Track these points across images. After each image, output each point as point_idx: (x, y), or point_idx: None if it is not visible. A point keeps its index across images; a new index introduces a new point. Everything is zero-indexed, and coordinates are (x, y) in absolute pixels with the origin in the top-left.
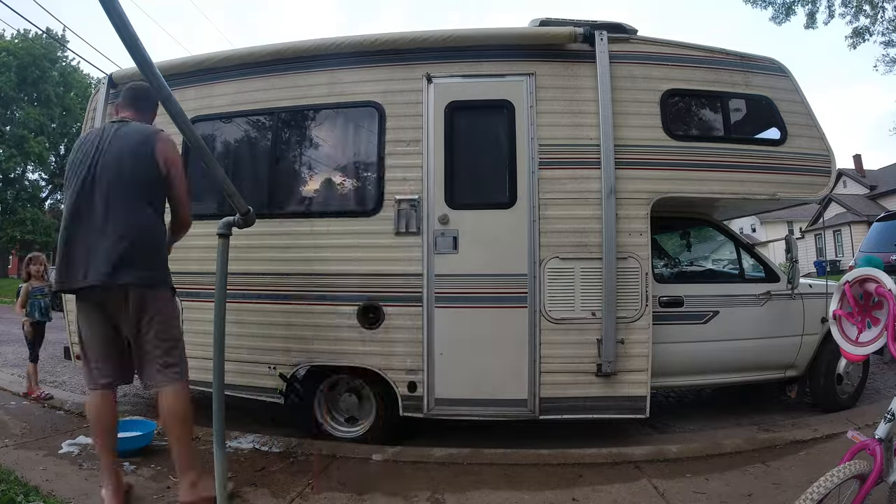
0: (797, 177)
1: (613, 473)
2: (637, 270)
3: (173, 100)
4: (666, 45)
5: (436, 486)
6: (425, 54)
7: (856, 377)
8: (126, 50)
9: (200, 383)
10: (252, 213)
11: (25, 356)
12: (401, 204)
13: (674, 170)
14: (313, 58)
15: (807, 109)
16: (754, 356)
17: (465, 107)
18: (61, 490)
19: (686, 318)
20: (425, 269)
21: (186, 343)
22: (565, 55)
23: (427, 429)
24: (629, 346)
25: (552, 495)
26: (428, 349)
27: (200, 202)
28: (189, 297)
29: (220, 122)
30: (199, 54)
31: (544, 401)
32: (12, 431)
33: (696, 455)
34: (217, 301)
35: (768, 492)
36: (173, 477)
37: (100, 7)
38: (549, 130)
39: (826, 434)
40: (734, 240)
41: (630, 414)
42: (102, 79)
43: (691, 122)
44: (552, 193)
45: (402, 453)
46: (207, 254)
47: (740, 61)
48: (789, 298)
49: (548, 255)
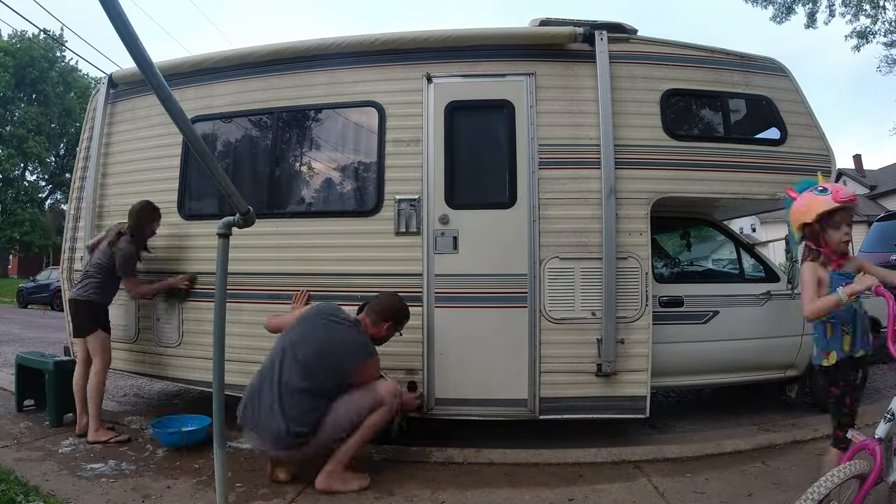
0: (797, 177)
1: (613, 473)
2: (637, 270)
3: (173, 100)
4: (666, 45)
5: (436, 485)
6: (425, 54)
7: None
8: (126, 50)
9: (201, 383)
10: (252, 213)
11: None
12: (401, 204)
13: (674, 170)
14: (313, 58)
15: (807, 109)
16: (754, 356)
17: (465, 106)
18: (61, 490)
19: (686, 318)
20: (425, 269)
21: (186, 343)
22: (565, 55)
23: (427, 429)
24: (629, 346)
25: (552, 495)
26: (428, 349)
27: (201, 202)
28: (189, 297)
29: (220, 122)
30: (199, 54)
31: (544, 400)
32: (12, 431)
33: (696, 455)
34: (217, 301)
35: (768, 492)
36: (173, 477)
37: (100, 7)
38: (549, 130)
39: (826, 434)
40: (734, 240)
41: (630, 414)
42: (102, 79)
43: (691, 122)
44: (552, 193)
45: (402, 453)
46: (207, 254)
47: (740, 61)
48: (789, 298)
49: (548, 255)
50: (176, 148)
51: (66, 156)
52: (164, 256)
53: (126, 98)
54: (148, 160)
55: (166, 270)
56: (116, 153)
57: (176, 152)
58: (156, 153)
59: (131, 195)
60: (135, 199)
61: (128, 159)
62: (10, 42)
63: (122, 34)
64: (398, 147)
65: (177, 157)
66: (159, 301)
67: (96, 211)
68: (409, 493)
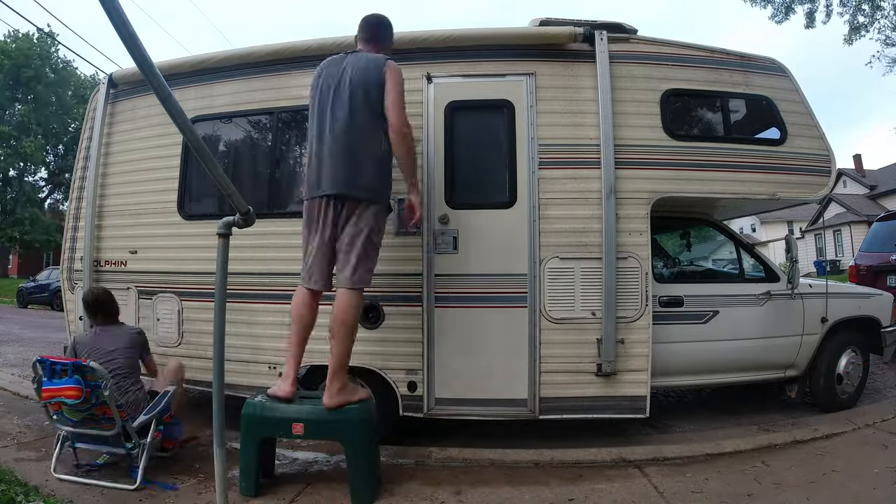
0: (797, 177)
1: (613, 473)
2: (637, 270)
3: (173, 100)
4: (666, 45)
5: (436, 485)
6: (425, 54)
7: (856, 377)
8: (126, 50)
9: (201, 383)
10: (252, 213)
11: (26, 356)
12: (401, 204)
13: (674, 170)
14: (313, 58)
15: (807, 109)
16: (754, 356)
17: (465, 106)
18: (61, 490)
19: (686, 318)
20: (425, 269)
21: (187, 343)
22: (565, 55)
23: (427, 429)
24: (629, 346)
25: (552, 495)
26: (428, 349)
27: (201, 202)
28: (189, 297)
29: (220, 122)
30: (199, 54)
31: (544, 400)
32: (12, 431)
33: (696, 455)
34: (217, 301)
35: (768, 492)
36: (173, 477)
37: (100, 7)
38: (549, 130)
39: (826, 434)
40: (734, 240)
41: (630, 414)
42: (103, 79)
43: (691, 121)
44: (552, 193)
45: (402, 453)
46: (207, 254)
47: (740, 61)
48: (789, 298)
49: (548, 255)
50: (176, 148)
51: (66, 155)
52: (164, 257)
53: (126, 98)
54: (148, 160)
55: (166, 270)
56: (116, 153)
57: (176, 152)
58: (156, 153)
59: (131, 195)
60: (135, 198)
61: (128, 159)
62: (5, 42)
63: (122, 34)
64: None
65: (177, 157)
66: (160, 301)
67: (96, 211)
68: (409, 492)
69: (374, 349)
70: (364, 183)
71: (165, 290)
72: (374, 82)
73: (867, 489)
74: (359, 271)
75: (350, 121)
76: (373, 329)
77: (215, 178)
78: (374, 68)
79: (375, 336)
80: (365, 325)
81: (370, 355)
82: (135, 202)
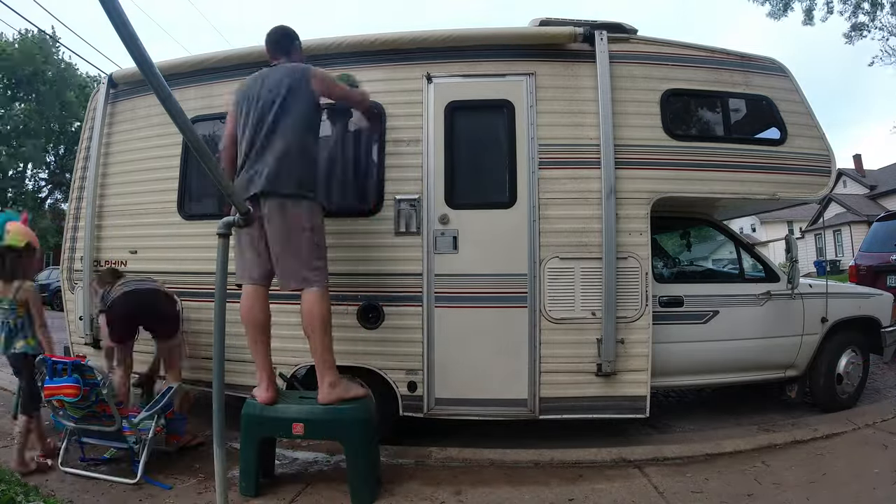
0: (797, 176)
1: (613, 473)
2: (637, 270)
3: (173, 100)
4: (666, 45)
5: (436, 485)
6: (425, 54)
7: (856, 377)
8: (126, 49)
9: (201, 383)
10: (251, 213)
11: None
12: (401, 204)
13: (674, 170)
14: (313, 58)
15: (807, 109)
16: (754, 356)
17: (465, 106)
18: (61, 490)
19: (686, 318)
20: (425, 269)
21: (187, 343)
22: (565, 55)
23: (427, 429)
24: (629, 346)
25: (552, 495)
26: (428, 349)
27: (201, 202)
28: (189, 297)
29: (220, 122)
30: (199, 54)
31: (544, 400)
32: (12, 431)
33: (696, 455)
34: (217, 301)
35: (768, 492)
36: (173, 477)
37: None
38: (549, 130)
39: (826, 434)
40: (734, 240)
41: (630, 414)
42: (103, 79)
43: (691, 121)
44: (552, 193)
45: (402, 453)
46: (207, 254)
47: (740, 61)
48: (789, 298)
49: (548, 255)
50: (176, 148)
51: (66, 155)
52: (164, 257)
53: (126, 98)
54: (148, 160)
55: (166, 270)
56: (116, 153)
57: (176, 152)
58: (156, 153)
59: (131, 195)
60: (135, 198)
61: (128, 159)
62: (6, 43)
63: (122, 34)
64: (398, 147)
65: (177, 158)
66: None
67: (96, 211)
68: (409, 492)
69: (373, 349)
70: (289, 179)
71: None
72: (296, 90)
73: (867, 489)
74: (303, 272)
75: (273, 126)
76: (373, 329)
77: (215, 179)
78: (295, 77)
79: (375, 336)
80: (365, 325)
81: (370, 355)
82: (135, 202)
